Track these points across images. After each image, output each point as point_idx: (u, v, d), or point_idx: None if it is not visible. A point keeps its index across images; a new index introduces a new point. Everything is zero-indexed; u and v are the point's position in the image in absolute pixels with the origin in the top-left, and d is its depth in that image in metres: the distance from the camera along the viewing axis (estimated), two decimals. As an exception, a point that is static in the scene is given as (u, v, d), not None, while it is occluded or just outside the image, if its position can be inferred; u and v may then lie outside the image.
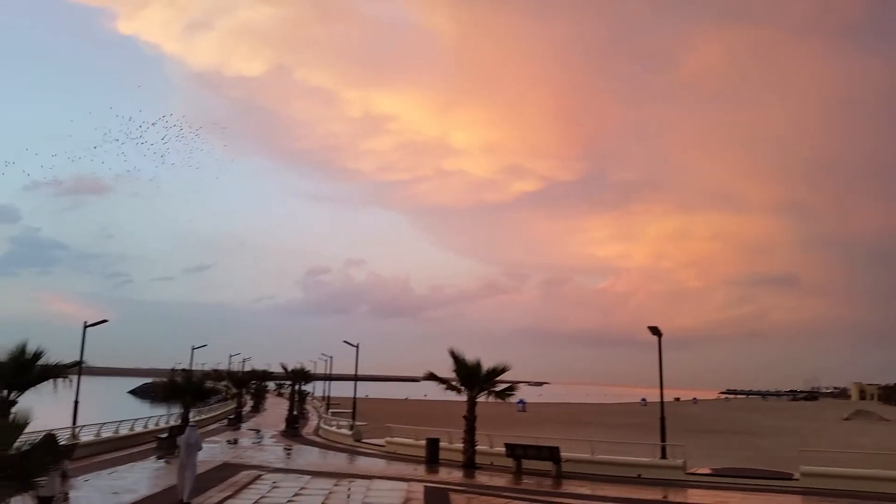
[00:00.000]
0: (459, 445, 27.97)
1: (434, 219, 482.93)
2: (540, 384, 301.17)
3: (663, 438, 27.84)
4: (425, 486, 20.70)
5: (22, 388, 17.53)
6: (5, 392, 17.22)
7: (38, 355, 17.93)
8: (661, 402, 30.21)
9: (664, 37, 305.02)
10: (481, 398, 27.56)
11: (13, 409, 16.53)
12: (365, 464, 28.25)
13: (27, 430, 10.06)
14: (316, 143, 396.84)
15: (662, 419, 28.78)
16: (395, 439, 34.53)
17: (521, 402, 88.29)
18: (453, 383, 27.87)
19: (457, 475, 24.95)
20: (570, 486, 22.87)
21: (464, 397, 27.84)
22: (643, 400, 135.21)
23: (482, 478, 24.44)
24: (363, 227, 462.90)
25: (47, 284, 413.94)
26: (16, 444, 9.49)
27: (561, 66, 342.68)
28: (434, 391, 32.38)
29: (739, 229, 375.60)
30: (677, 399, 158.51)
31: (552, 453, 25.51)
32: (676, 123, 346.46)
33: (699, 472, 26.77)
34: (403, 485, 20.96)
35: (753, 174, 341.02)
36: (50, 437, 14.64)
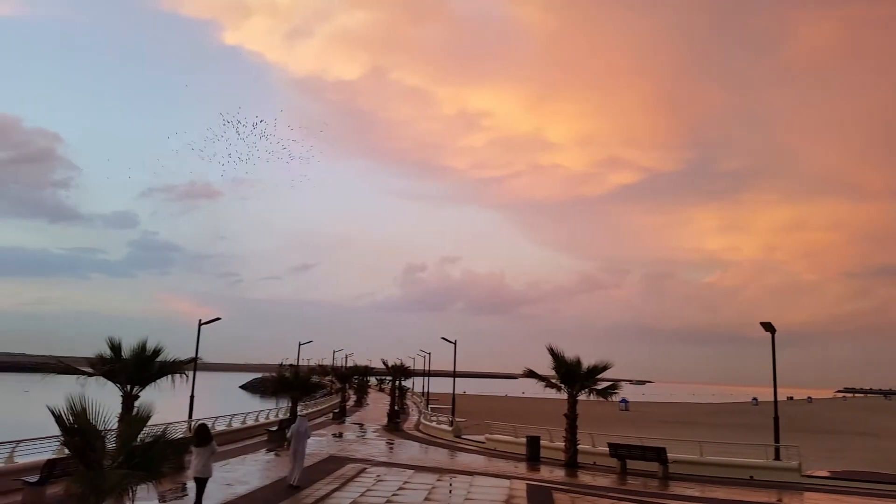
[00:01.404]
0: (560, 444, 27.61)
1: (529, 214, 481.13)
2: (643, 383, 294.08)
3: (777, 439, 26.53)
4: (527, 484, 20.54)
5: (143, 384, 18.52)
6: (128, 387, 18.27)
7: (157, 352, 18.82)
8: (775, 401, 28.76)
9: (769, 17, 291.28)
10: (582, 396, 27.08)
11: (136, 404, 17.57)
12: (466, 460, 28.35)
13: (150, 422, 10.64)
14: (412, 142, 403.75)
15: (776, 419, 27.45)
16: (495, 436, 34.49)
17: (624, 400, 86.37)
18: (553, 381, 27.52)
19: (559, 474, 24.63)
20: (677, 488, 22.12)
21: (563, 395, 27.44)
22: (754, 399, 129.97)
23: (585, 477, 24.02)
24: (458, 224, 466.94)
25: (164, 284, 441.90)
26: (140, 436, 10.05)
27: (659, 54, 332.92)
28: (532, 388, 32.01)
29: (858, 218, 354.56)
30: (791, 398, 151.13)
31: (658, 454, 24.78)
32: (786, 107, 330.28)
33: (816, 474, 25.36)
34: (505, 482, 20.88)
35: (872, 159, 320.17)
36: (202, 427, 15.65)
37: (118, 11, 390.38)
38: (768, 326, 27.84)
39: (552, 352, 27.00)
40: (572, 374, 26.71)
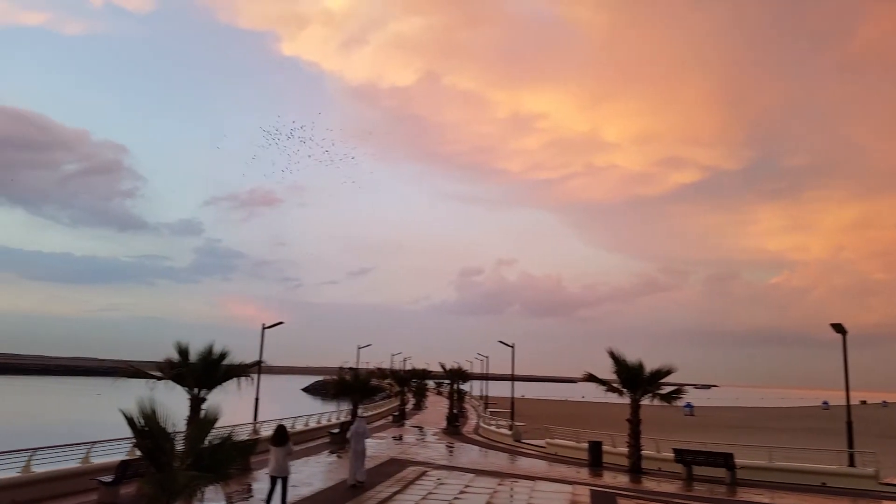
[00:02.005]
0: (623, 449, 27.11)
1: (586, 216, 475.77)
2: (707, 387, 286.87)
3: (851, 445, 25.49)
4: (591, 490, 20.24)
5: (210, 387, 18.97)
6: (196, 390, 18.73)
7: (223, 355, 19.24)
8: (848, 405, 27.58)
9: (833, 8, 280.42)
10: (645, 401, 26.55)
11: (203, 406, 18.01)
12: (526, 464, 28.11)
13: (217, 425, 10.85)
14: (465, 145, 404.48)
15: (849, 423, 26.35)
16: (556, 441, 34.14)
17: (689, 405, 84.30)
18: (614, 385, 27.05)
19: (622, 479, 24.18)
20: (745, 494, 21.43)
21: (625, 400, 26.96)
22: (825, 403, 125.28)
23: (649, 483, 23.51)
24: (514, 226, 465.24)
25: (228, 290, 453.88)
26: (208, 438, 10.25)
27: (719, 50, 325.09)
28: (592, 392, 31.55)
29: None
30: (864, 402, 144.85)
31: (725, 459, 24.10)
32: (850, 101, 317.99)
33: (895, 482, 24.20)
34: (567, 487, 20.62)
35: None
36: (281, 428, 16.33)
37: (179, 27, 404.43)
38: (839, 328, 26.78)
39: (613, 355, 26.54)
40: (635, 379, 26.19)
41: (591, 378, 27.95)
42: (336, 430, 33.43)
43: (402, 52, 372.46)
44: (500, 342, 56.18)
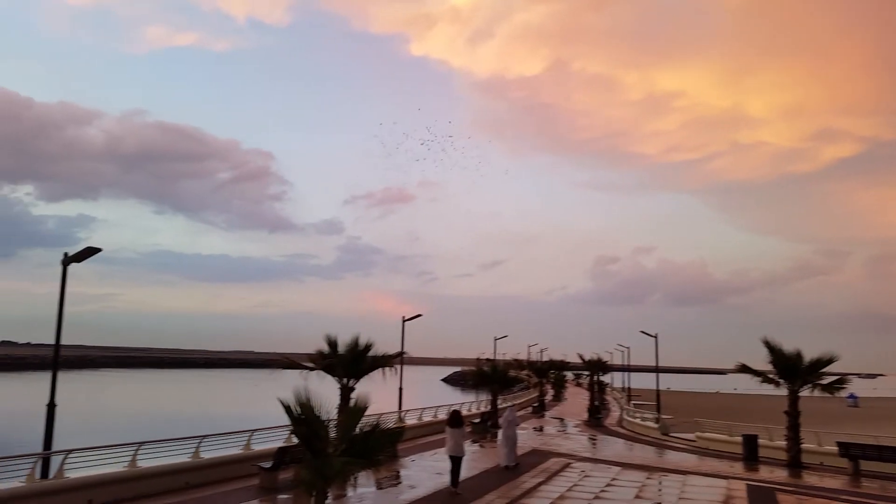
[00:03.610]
0: (781, 443, 25.48)
1: (730, 197, 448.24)
2: (873, 376, 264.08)
3: None
4: (747, 484, 19.17)
5: (358, 377, 19.78)
6: (345, 380, 19.56)
7: (368, 347, 20.00)
8: None
9: None
10: (804, 392, 24.80)
11: (352, 395, 18.75)
12: (675, 458, 27.08)
13: (366, 413, 11.21)
14: (597, 131, 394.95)
15: None
16: (707, 434, 32.64)
17: (852, 396, 78.05)
18: (770, 376, 25.45)
19: (780, 474, 22.71)
20: (927, 495, 19.48)
21: (782, 391, 25.31)
22: None
23: (810, 478, 21.93)
24: (651, 212, 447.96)
25: (368, 285, 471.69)
26: (358, 426, 10.61)
27: (874, 8, 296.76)
28: (746, 384, 29.87)
29: None
30: None
31: (899, 455, 22.03)
32: None
33: None
34: (721, 481, 19.64)
35: None
36: (456, 413, 18.69)
37: (315, 36, 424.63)
38: None
39: (768, 345, 24.97)
40: (792, 369, 24.51)
41: (744, 369, 26.42)
42: (477, 420, 33.73)
43: (528, 42, 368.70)
44: (642, 332, 54.56)
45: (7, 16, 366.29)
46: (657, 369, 54.20)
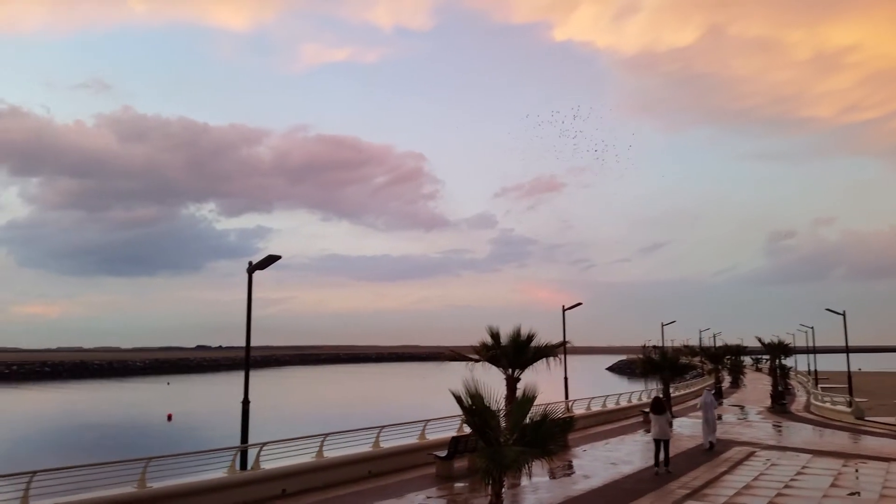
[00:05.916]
0: None
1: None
2: None
3: None
4: (965, 475, 17.13)
5: (522, 367, 19.80)
6: (510, 371, 19.66)
7: (530, 337, 19.94)
8: None
9: None
10: None
11: (519, 385, 18.82)
12: (874, 444, 24.76)
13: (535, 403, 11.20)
14: (761, 98, 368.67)
15: None
16: (910, 418, 29.59)
17: None
18: None
19: None
20: None
21: None
22: None
23: None
24: (828, 180, 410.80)
25: (524, 276, 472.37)
26: (529, 415, 10.64)
27: None
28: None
29: None
30: None
31: None
32: None
33: None
34: (933, 471, 17.71)
35: None
36: (658, 399, 19.74)
37: (458, 34, 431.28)
38: None
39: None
40: None
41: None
42: (648, 410, 32.66)
43: (678, 11, 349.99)
44: (828, 310, 50.26)
45: (178, 50, 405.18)
46: (847, 349, 49.73)
